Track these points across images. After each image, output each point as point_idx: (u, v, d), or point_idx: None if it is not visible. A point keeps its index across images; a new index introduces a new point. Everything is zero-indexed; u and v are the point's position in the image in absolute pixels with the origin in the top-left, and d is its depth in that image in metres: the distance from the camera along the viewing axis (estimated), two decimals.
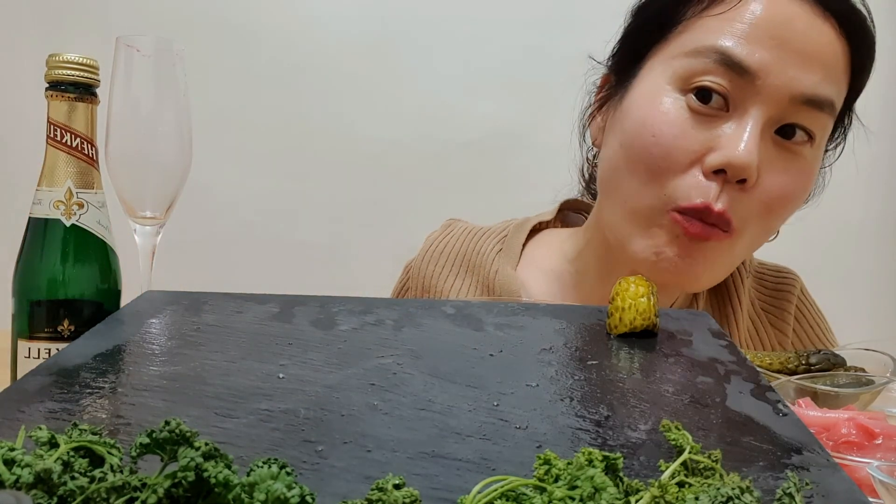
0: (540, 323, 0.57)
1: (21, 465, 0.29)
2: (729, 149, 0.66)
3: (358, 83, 1.82)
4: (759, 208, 0.69)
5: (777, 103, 0.67)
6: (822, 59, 0.67)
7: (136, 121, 0.65)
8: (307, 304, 0.59)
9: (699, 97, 0.68)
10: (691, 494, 0.30)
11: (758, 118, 0.67)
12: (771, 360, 0.69)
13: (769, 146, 0.68)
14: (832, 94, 0.69)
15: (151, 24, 1.76)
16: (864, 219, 1.84)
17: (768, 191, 0.69)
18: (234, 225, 1.81)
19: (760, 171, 0.67)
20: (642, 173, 0.69)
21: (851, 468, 0.42)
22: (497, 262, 0.83)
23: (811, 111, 0.68)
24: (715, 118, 0.68)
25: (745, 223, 0.70)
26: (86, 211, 0.61)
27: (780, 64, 0.66)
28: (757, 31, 0.66)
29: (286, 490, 0.28)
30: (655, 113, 0.68)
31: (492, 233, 0.87)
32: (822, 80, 0.67)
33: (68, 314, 0.60)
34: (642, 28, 0.74)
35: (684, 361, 0.51)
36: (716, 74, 0.67)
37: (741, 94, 0.67)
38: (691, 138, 0.67)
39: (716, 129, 0.67)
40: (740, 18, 0.67)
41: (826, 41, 0.68)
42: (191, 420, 0.41)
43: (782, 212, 0.72)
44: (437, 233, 0.91)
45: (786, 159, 0.69)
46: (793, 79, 0.66)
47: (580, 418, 0.42)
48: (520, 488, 0.31)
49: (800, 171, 0.70)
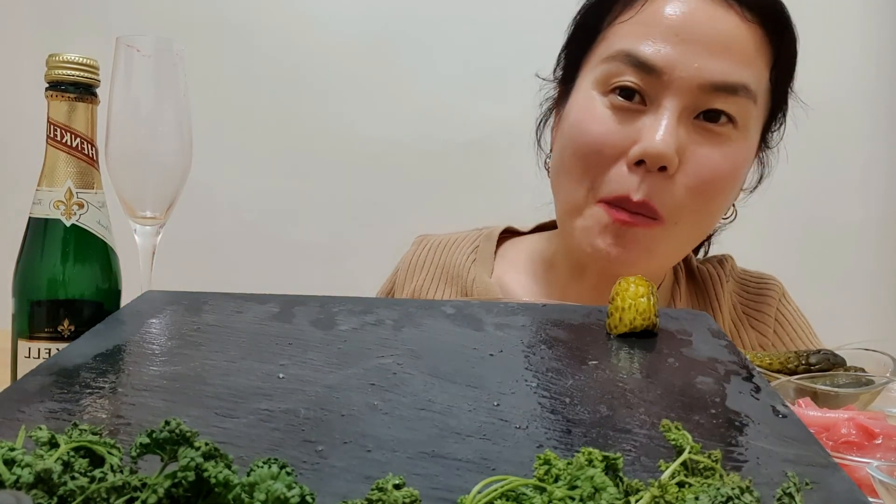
0: (540, 323, 0.57)
1: (21, 465, 0.29)
2: (646, 140, 0.71)
3: (358, 83, 1.82)
4: (688, 193, 0.73)
5: (688, 93, 0.71)
6: (728, 47, 0.71)
7: (136, 121, 0.65)
8: (307, 304, 0.59)
9: (622, 95, 0.73)
10: (691, 494, 0.30)
11: (671, 109, 0.71)
12: (771, 360, 0.69)
13: (691, 132, 0.73)
14: (745, 78, 0.72)
15: (151, 24, 1.76)
16: (864, 219, 1.84)
17: (694, 174, 0.72)
18: (234, 225, 1.81)
19: (684, 157, 0.72)
20: (576, 171, 0.75)
21: (851, 468, 0.42)
22: (473, 270, 0.88)
23: (726, 96, 0.72)
24: (636, 113, 0.73)
25: (676, 210, 0.73)
26: (86, 211, 0.61)
27: (685, 57, 0.71)
28: (660, 29, 0.72)
29: (286, 490, 0.28)
30: (584, 114, 0.75)
31: (464, 243, 0.92)
32: (729, 67, 0.71)
33: (68, 314, 0.60)
34: (575, 42, 0.81)
35: (684, 361, 0.51)
36: (629, 74, 0.72)
37: (654, 89, 0.72)
38: (616, 133, 0.73)
39: (637, 124, 0.72)
40: (645, 21, 0.73)
41: (730, 29, 0.72)
42: (191, 420, 0.41)
43: (715, 194, 0.75)
44: (410, 252, 0.95)
45: (710, 143, 0.73)
46: (699, 69, 0.70)
47: (580, 418, 0.42)
48: (520, 488, 0.31)
49: (725, 153, 0.73)
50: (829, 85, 1.83)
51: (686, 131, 0.72)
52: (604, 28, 0.77)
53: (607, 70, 0.74)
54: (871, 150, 1.86)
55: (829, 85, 1.83)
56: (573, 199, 0.76)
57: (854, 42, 1.84)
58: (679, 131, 0.71)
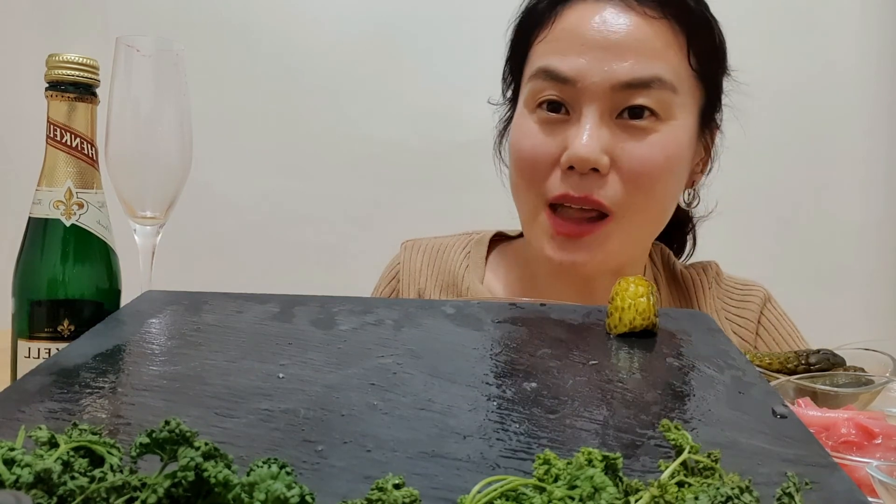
0: (540, 323, 0.57)
1: (21, 465, 0.29)
2: (572, 146, 0.75)
3: (358, 83, 1.82)
4: (626, 188, 0.76)
5: (603, 97, 0.75)
6: (634, 46, 0.75)
7: (136, 121, 0.65)
8: (307, 304, 0.59)
9: (549, 109, 0.78)
10: (691, 494, 0.30)
11: (591, 114, 0.75)
12: (771, 360, 0.69)
13: (617, 132, 0.76)
14: (656, 71, 0.75)
15: (151, 24, 1.76)
16: (864, 219, 1.84)
17: (627, 170, 0.76)
18: (234, 225, 1.81)
19: (614, 156, 0.75)
20: (522, 184, 0.81)
21: (851, 468, 0.42)
22: (467, 278, 0.91)
23: (641, 91, 0.75)
24: (563, 123, 0.78)
25: (622, 205, 0.76)
26: (86, 211, 0.61)
27: (594, 64, 0.75)
28: (569, 43, 0.77)
29: (286, 490, 0.28)
30: (517, 132, 0.82)
31: (456, 248, 0.95)
32: (637, 64, 0.75)
33: (68, 314, 0.60)
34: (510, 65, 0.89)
35: (684, 361, 0.51)
36: (550, 89, 0.78)
37: (573, 98, 0.77)
38: (546, 145, 0.78)
39: (564, 133, 0.77)
40: (556, 37, 0.79)
41: (633, 29, 0.76)
42: (191, 420, 0.41)
43: (652, 185, 0.77)
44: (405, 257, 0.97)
45: (637, 138, 0.76)
46: (608, 72, 0.75)
47: (580, 418, 0.42)
48: (520, 488, 0.31)
49: (652, 145, 0.76)
50: (830, 84, 1.83)
51: (611, 132, 0.76)
52: (528, 51, 0.83)
53: (532, 88, 0.80)
54: (872, 150, 1.85)
55: (831, 84, 1.83)
56: (526, 209, 0.82)
57: (853, 41, 1.84)
58: (602, 133, 0.75)
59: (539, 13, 0.81)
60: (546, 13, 0.80)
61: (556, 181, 0.77)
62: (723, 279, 0.95)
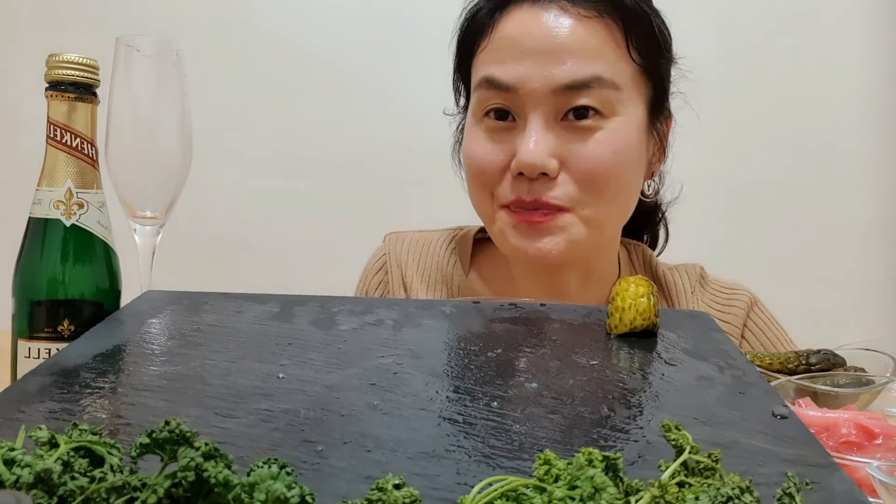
0: (540, 322, 0.57)
1: (21, 465, 0.29)
2: (519, 153, 0.76)
3: (358, 83, 1.82)
4: (579, 188, 0.77)
5: (545, 101, 0.76)
6: (567, 48, 0.76)
7: (136, 121, 0.65)
8: (307, 304, 0.59)
9: (496, 117, 0.79)
10: (691, 494, 0.30)
11: (534, 119, 0.76)
12: (771, 360, 0.69)
13: (563, 134, 0.77)
14: (595, 71, 0.76)
15: (151, 24, 1.76)
16: (864, 219, 1.84)
17: (577, 170, 0.76)
18: (234, 225, 1.81)
19: (563, 158, 0.76)
20: (477, 188, 0.82)
21: (851, 468, 0.42)
22: (455, 275, 0.93)
23: (581, 92, 0.76)
24: (510, 130, 0.79)
25: (578, 201, 0.77)
26: (86, 211, 0.61)
27: (532, 69, 0.76)
28: (508, 51, 0.78)
29: (286, 490, 0.28)
30: (468, 142, 0.83)
31: (442, 243, 0.97)
32: (575, 66, 0.75)
33: (68, 314, 0.60)
34: (459, 75, 0.90)
35: (684, 361, 0.51)
36: (493, 98, 0.79)
37: (517, 105, 0.77)
38: (496, 152, 0.79)
39: (512, 140, 0.78)
40: (495, 46, 0.79)
41: (569, 32, 0.76)
42: (191, 420, 0.41)
43: (606, 182, 0.77)
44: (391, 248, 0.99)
45: (583, 139, 0.77)
46: (548, 76, 0.75)
47: (580, 418, 0.42)
48: (520, 488, 0.31)
49: (599, 143, 0.77)
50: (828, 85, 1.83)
51: (557, 135, 0.76)
52: (472, 60, 0.84)
53: (478, 97, 0.81)
54: (871, 149, 1.85)
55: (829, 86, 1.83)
56: (483, 210, 0.83)
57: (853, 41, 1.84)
58: (549, 137, 0.76)
59: (479, 22, 0.83)
60: (485, 22, 0.81)
61: (507, 187, 0.78)
62: (708, 282, 0.95)
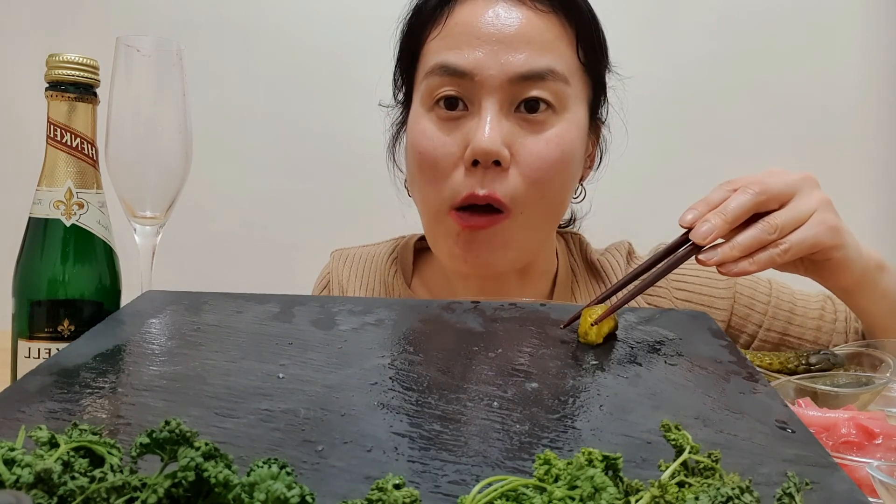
0: (540, 323, 0.57)
1: (21, 465, 0.29)
2: (475, 140, 0.74)
3: (358, 83, 1.81)
4: (525, 183, 0.76)
5: (499, 89, 0.76)
6: (524, 38, 0.76)
7: (136, 121, 0.65)
8: (307, 304, 0.59)
9: (446, 106, 0.78)
10: (691, 494, 0.30)
11: (490, 107, 0.76)
12: (771, 360, 0.69)
13: (515, 125, 0.77)
14: (549, 63, 0.76)
15: (151, 24, 1.76)
16: (864, 219, 1.84)
17: (526, 165, 0.76)
18: (235, 225, 1.81)
19: (514, 150, 0.76)
20: (424, 184, 0.80)
21: (851, 468, 0.42)
22: (396, 285, 0.92)
23: (536, 83, 0.76)
24: (461, 119, 0.78)
25: (520, 201, 0.77)
26: (86, 211, 0.61)
27: (489, 56, 0.76)
28: (464, 38, 0.77)
29: (286, 490, 0.28)
30: (415, 133, 0.80)
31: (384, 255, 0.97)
32: (531, 56, 0.76)
33: (68, 314, 0.60)
34: (401, 66, 0.87)
35: (684, 361, 0.51)
36: (447, 85, 0.78)
37: (470, 93, 0.77)
38: (446, 145, 0.77)
39: (464, 129, 0.77)
40: (450, 33, 0.79)
41: (525, 23, 0.77)
42: (191, 420, 0.41)
43: (550, 179, 0.77)
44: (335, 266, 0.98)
45: (535, 133, 0.77)
46: (503, 64, 0.75)
47: (580, 418, 0.42)
48: (520, 488, 0.31)
49: (549, 139, 0.77)
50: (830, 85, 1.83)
51: (510, 125, 0.76)
52: (421, 49, 0.82)
53: (427, 85, 0.79)
54: (872, 149, 1.85)
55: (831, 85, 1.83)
56: (428, 209, 0.81)
57: (852, 41, 1.84)
58: (503, 125, 0.76)
59: (429, 11, 0.82)
60: (437, 11, 0.81)
61: (459, 179, 0.76)
62: (634, 257, 0.95)
